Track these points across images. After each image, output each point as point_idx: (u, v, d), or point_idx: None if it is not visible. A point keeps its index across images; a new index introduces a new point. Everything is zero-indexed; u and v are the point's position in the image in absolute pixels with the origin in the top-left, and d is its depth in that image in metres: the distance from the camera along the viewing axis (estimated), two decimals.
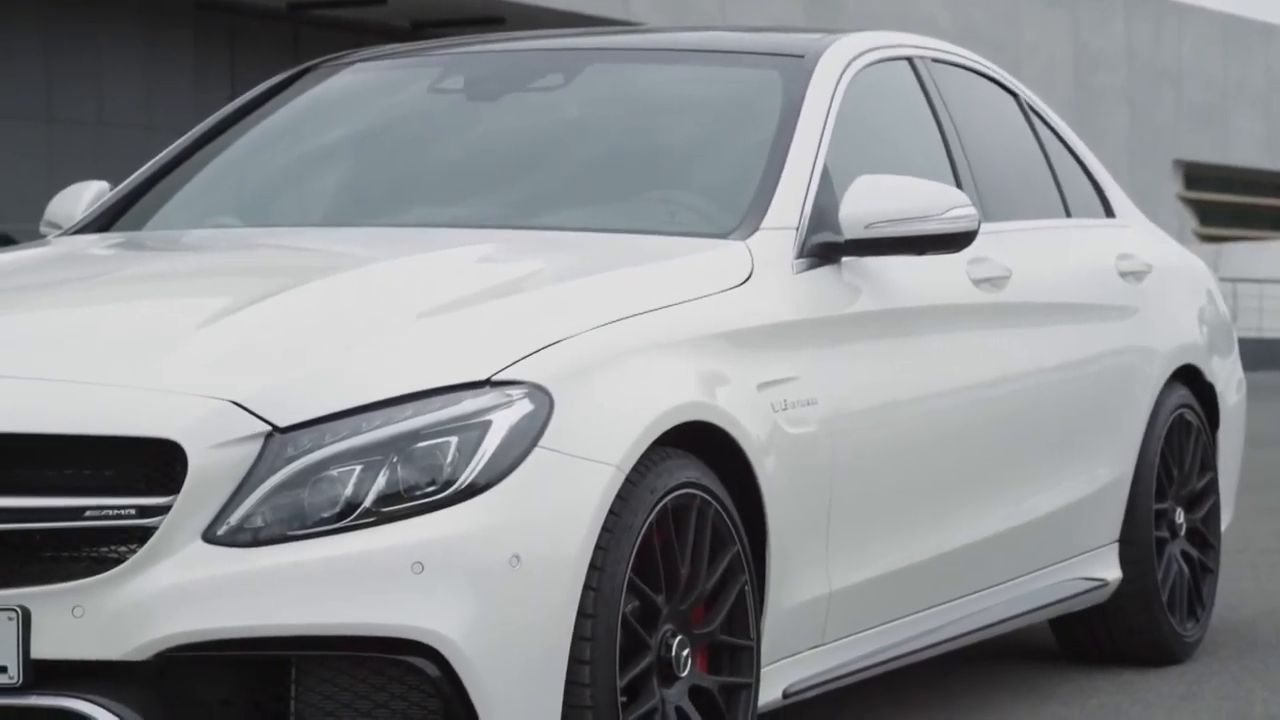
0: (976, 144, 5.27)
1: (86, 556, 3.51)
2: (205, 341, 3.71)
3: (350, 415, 3.58)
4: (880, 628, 4.58)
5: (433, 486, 3.56)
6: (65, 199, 5.11)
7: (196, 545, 3.50)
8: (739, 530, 3.99)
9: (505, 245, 4.42)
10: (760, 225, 4.43)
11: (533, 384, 3.67)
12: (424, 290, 3.97)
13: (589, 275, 4.14)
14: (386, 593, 3.49)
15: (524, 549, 3.56)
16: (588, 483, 3.66)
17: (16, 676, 3.48)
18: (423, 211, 4.78)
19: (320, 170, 5.09)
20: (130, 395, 3.56)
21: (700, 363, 4.01)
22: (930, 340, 4.76)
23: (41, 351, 3.70)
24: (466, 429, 3.60)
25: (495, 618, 3.53)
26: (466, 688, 3.51)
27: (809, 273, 4.45)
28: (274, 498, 3.53)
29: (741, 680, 4.00)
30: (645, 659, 3.78)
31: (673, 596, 3.85)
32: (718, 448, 4.00)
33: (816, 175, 4.57)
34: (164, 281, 4.35)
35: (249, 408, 3.55)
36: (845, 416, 4.37)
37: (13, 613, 3.47)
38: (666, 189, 4.72)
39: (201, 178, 5.12)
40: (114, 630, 3.47)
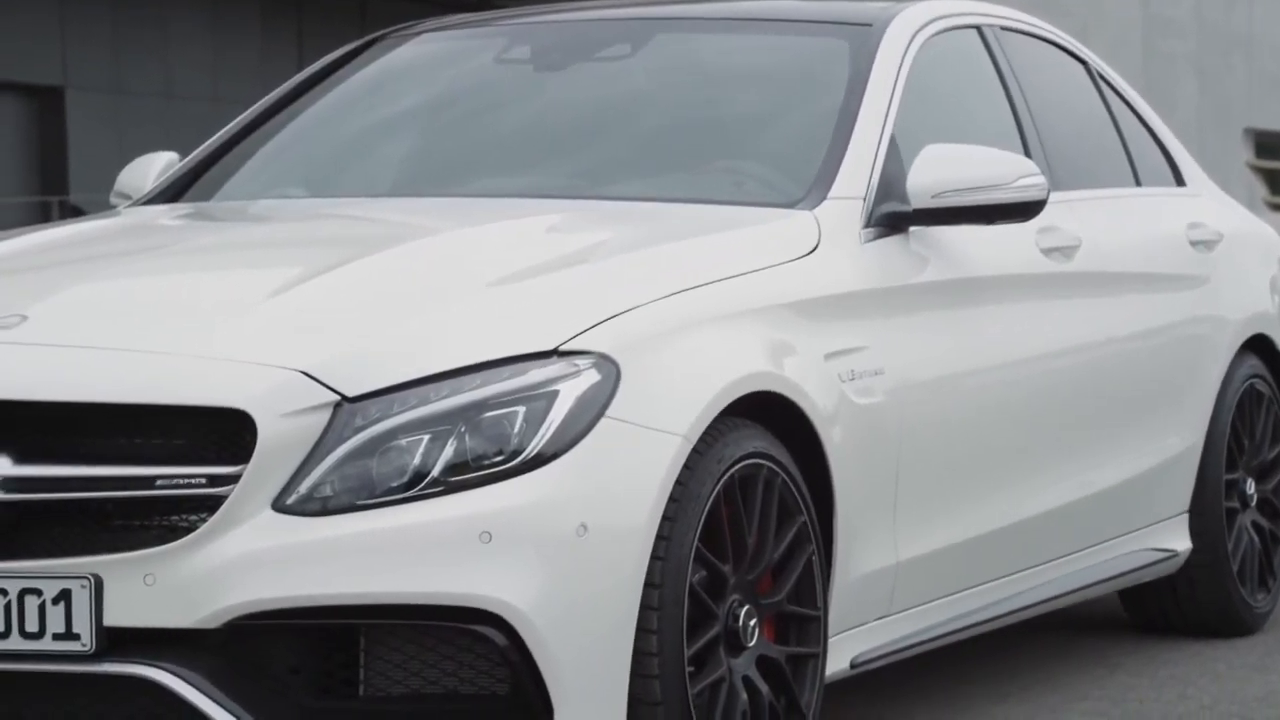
0: (1045, 112, 5.24)
1: (158, 525, 3.54)
2: (274, 311, 3.72)
3: (418, 385, 3.59)
4: (947, 598, 4.57)
5: (500, 456, 3.57)
6: (135, 170, 5.14)
7: (266, 514, 3.52)
8: (806, 500, 3.99)
9: (572, 215, 4.42)
10: (827, 195, 4.42)
11: (600, 354, 3.68)
12: (491, 260, 3.97)
13: (656, 245, 4.14)
14: (454, 562, 3.50)
15: (591, 519, 3.57)
16: (655, 452, 3.66)
17: (90, 644, 3.51)
18: (489, 182, 4.78)
19: (387, 141, 5.10)
20: (200, 365, 3.58)
21: (767, 333, 4.00)
22: (999, 310, 4.74)
23: (112, 321, 3.72)
24: (534, 399, 3.60)
25: (563, 587, 3.54)
26: (534, 657, 3.52)
27: (876, 242, 4.44)
28: (343, 467, 3.54)
29: (808, 650, 4.00)
30: (712, 629, 3.78)
31: (740, 567, 3.85)
32: (785, 418, 3.99)
33: (884, 144, 4.55)
34: (233, 252, 4.38)
35: (318, 377, 3.57)
36: (912, 387, 4.36)
37: (86, 581, 3.50)
38: (733, 159, 4.71)
39: (269, 149, 5.14)
40: (185, 598, 3.49)
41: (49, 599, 3.51)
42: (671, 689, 3.64)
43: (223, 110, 24.03)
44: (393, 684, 3.55)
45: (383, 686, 3.54)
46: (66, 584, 3.51)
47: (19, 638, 3.52)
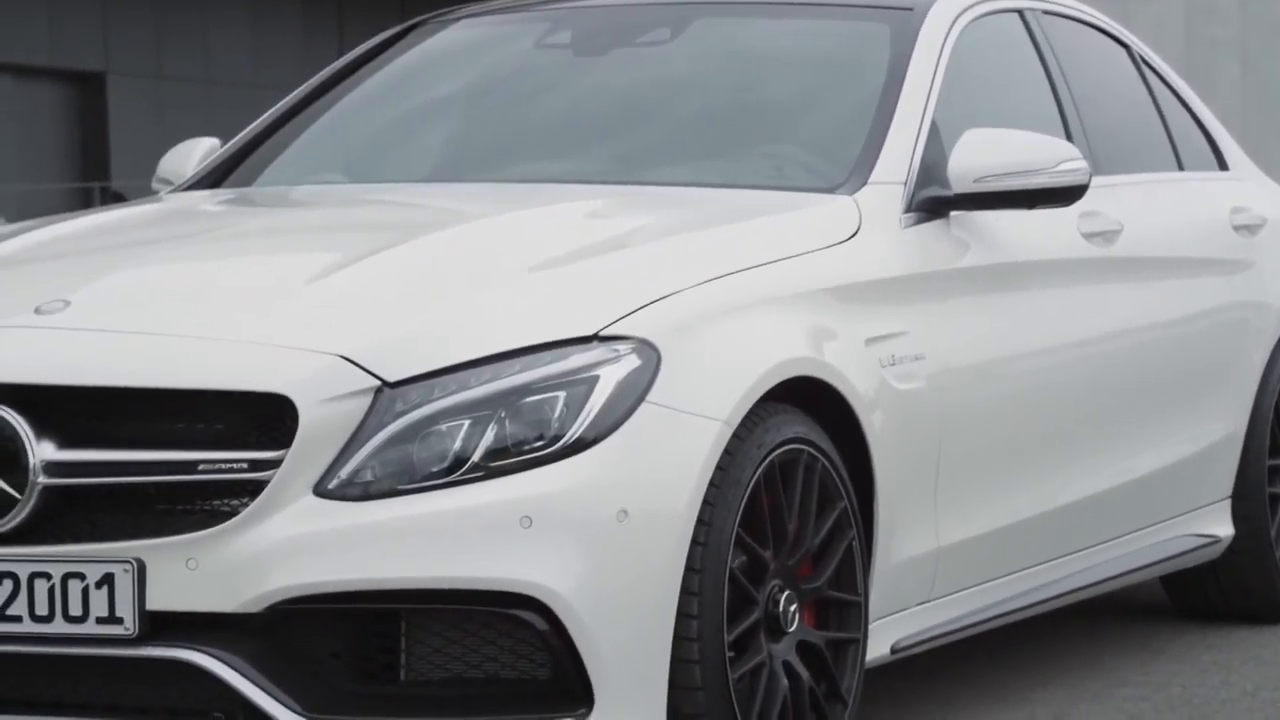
0: (1087, 97, 5.22)
1: (200, 510, 3.55)
2: (315, 296, 3.73)
3: (458, 370, 3.60)
4: (989, 584, 4.56)
5: (540, 441, 3.58)
6: (176, 156, 5.15)
7: (307, 499, 3.53)
8: (847, 486, 3.98)
9: (612, 201, 4.42)
10: (868, 180, 4.41)
11: (640, 339, 3.68)
12: (531, 246, 3.97)
13: (696, 230, 4.13)
14: (495, 547, 3.51)
15: (631, 504, 3.57)
16: (695, 438, 3.66)
17: (132, 628, 3.52)
18: (529, 167, 4.78)
19: (427, 126, 5.11)
20: (241, 350, 3.59)
21: (808, 318, 3.99)
22: (1040, 295, 4.72)
23: (155, 306, 3.74)
24: (574, 384, 3.60)
25: (603, 572, 3.54)
26: (575, 641, 3.52)
27: (917, 227, 4.43)
28: (383, 452, 3.55)
29: (849, 636, 4.00)
30: (753, 614, 3.78)
31: (780, 552, 3.85)
32: (825, 403, 3.99)
33: (925, 129, 4.54)
34: (274, 237, 4.39)
35: (359, 362, 3.57)
36: (953, 372, 4.35)
37: (129, 565, 3.52)
38: (773, 144, 4.70)
39: (310, 135, 5.15)
40: (227, 583, 3.51)
41: (92, 583, 3.52)
42: (712, 674, 3.65)
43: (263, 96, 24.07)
44: (434, 668, 3.55)
45: (424, 671, 3.55)
46: (109, 568, 3.52)
47: (62, 621, 3.54)
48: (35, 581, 3.54)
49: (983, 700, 4.74)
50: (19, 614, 3.55)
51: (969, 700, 4.74)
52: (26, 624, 3.55)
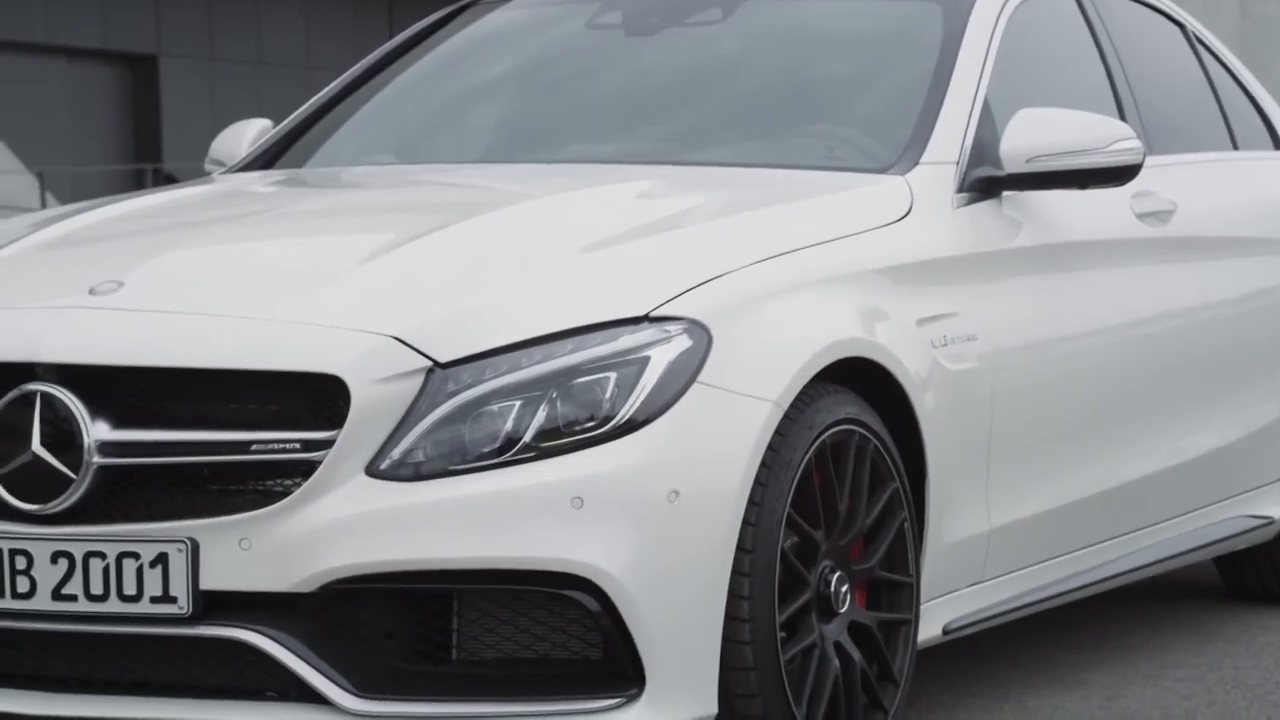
0: (1141, 76, 5.19)
1: (253, 490, 3.56)
2: (367, 277, 3.74)
3: (510, 351, 3.60)
4: (1040, 565, 4.55)
5: (592, 422, 3.58)
6: (229, 137, 5.17)
7: (359, 479, 3.54)
8: (898, 467, 3.98)
9: (664, 181, 4.42)
10: (920, 160, 4.40)
11: (691, 319, 3.67)
12: (582, 226, 3.98)
13: (747, 211, 4.13)
14: (547, 527, 3.51)
15: (683, 484, 3.57)
16: (746, 418, 3.66)
17: (186, 607, 3.54)
18: (580, 147, 4.78)
19: (479, 107, 5.11)
20: (294, 331, 3.60)
21: (859, 298, 3.99)
22: (1093, 275, 4.70)
23: (207, 287, 3.75)
24: (625, 364, 3.60)
25: (654, 552, 3.54)
26: (626, 622, 3.52)
27: (969, 207, 4.41)
28: (435, 433, 3.56)
29: (901, 616, 3.99)
30: (804, 595, 3.78)
31: (831, 532, 3.85)
32: (877, 384, 3.98)
33: (977, 109, 4.52)
34: (326, 218, 4.40)
35: (410, 343, 3.58)
36: (1005, 352, 4.34)
37: (182, 544, 3.54)
38: (825, 123, 4.69)
39: (361, 116, 5.16)
40: (280, 562, 3.52)
41: (146, 562, 3.54)
42: (763, 654, 3.65)
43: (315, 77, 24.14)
44: (485, 648, 3.56)
45: (475, 651, 3.56)
46: (163, 547, 3.54)
47: (117, 600, 3.56)
48: (90, 561, 3.56)
49: (1035, 681, 4.73)
50: (74, 593, 3.57)
51: (1021, 681, 4.73)
52: (82, 603, 3.57)
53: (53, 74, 25.47)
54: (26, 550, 3.58)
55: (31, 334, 3.65)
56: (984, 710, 4.47)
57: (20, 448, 3.59)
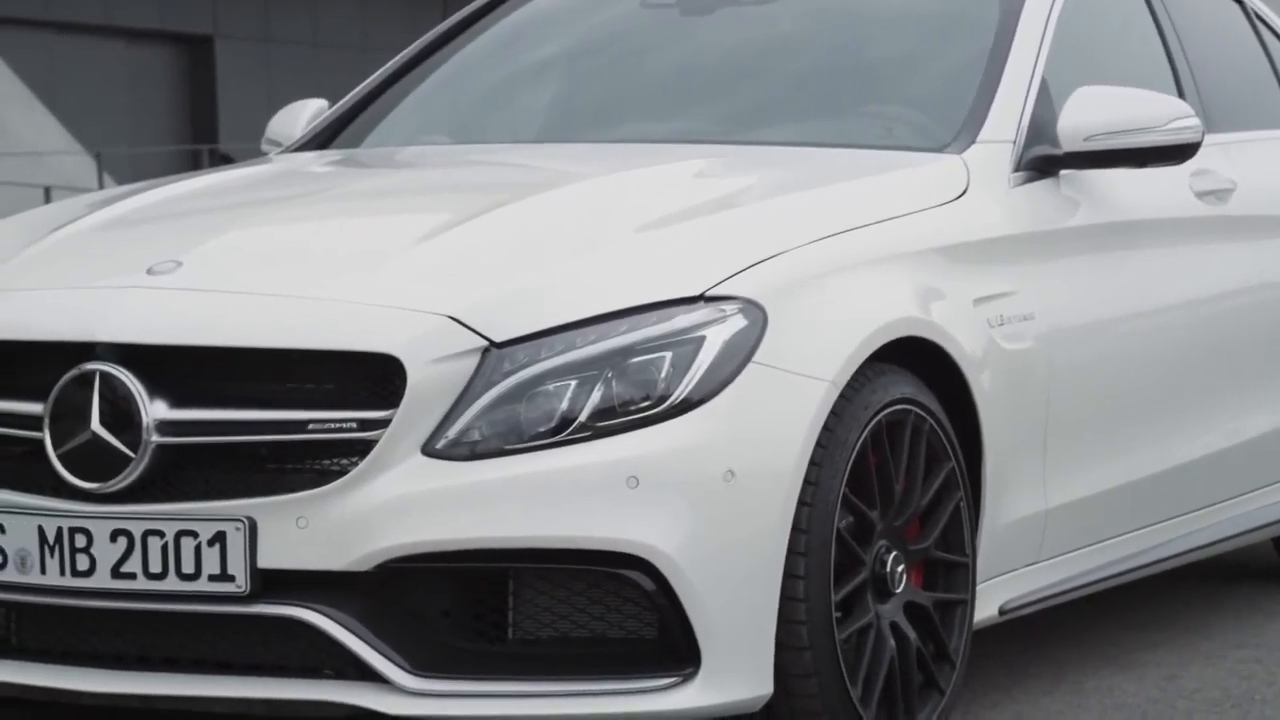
0: (1200, 53, 5.15)
1: (310, 469, 3.57)
2: (423, 257, 3.75)
3: (565, 330, 3.60)
4: (1097, 545, 4.53)
5: (647, 401, 3.58)
6: (285, 117, 5.18)
7: (416, 459, 3.55)
8: (954, 447, 3.97)
9: (719, 160, 4.41)
10: (977, 138, 4.38)
11: (746, 299, 3.67)
12: (638, 206, 3.97)
13: (803, 190, 4.12)
14: (602, 507, 3.52)
15: (738, 464, 3.57)
16: (802, 398, 3.65)
17: (244, 585, 3.56)
18: (636, 127, 4.78)
19: (534, 87, 5.11)
20: (351, 310, 3.61)
21: (915, 278, 3.97)
22: (1151, 254, 4.68)
23: (264, 267, 3.77)
24: (681, 344, 3.60)
25: (710, 532, 3.54)
26: (682, 601, 3.53)
27: (1026, 186, 4.39)
28: (491, 412, 3.56)
29: (957, 597, 3.98)
30: (860, 575, 3.77)
31: (887, 512, 3.84)
32: (933, 363, 3.97)
33: (1034, 87, 4.50)
34: (383, 198, 4.41)
35: (466, 323, 3.59)
36: (1063, 332, 4.32)
37: (240, 523, 3.55)
38: (881, 102, 4.67)
39: (417, 95, 5.17)
40: (337, 541, 3.53)
41: (204, 541, 3.56)
42: (819, 634, 3.64)
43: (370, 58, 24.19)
44: (541, 627, 3.57)
45: (531, 630, 3.57)
46: (221, 526, 3.56)
47: (175, 579, 3.58)
48: (149, 539, 3.58)
49: (1092, 662, 4.71)
50: (133, 571, 3.59)
51: (1078, 661, 4.71)
52: (140, 581, 3.59)
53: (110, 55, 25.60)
54: (86, 528, 3.60)
55: (90, 314, 3.68)
56: (1041, 690, 4.45)
57: (80, 427, 3.61)
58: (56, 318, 3.71)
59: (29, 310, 3.77)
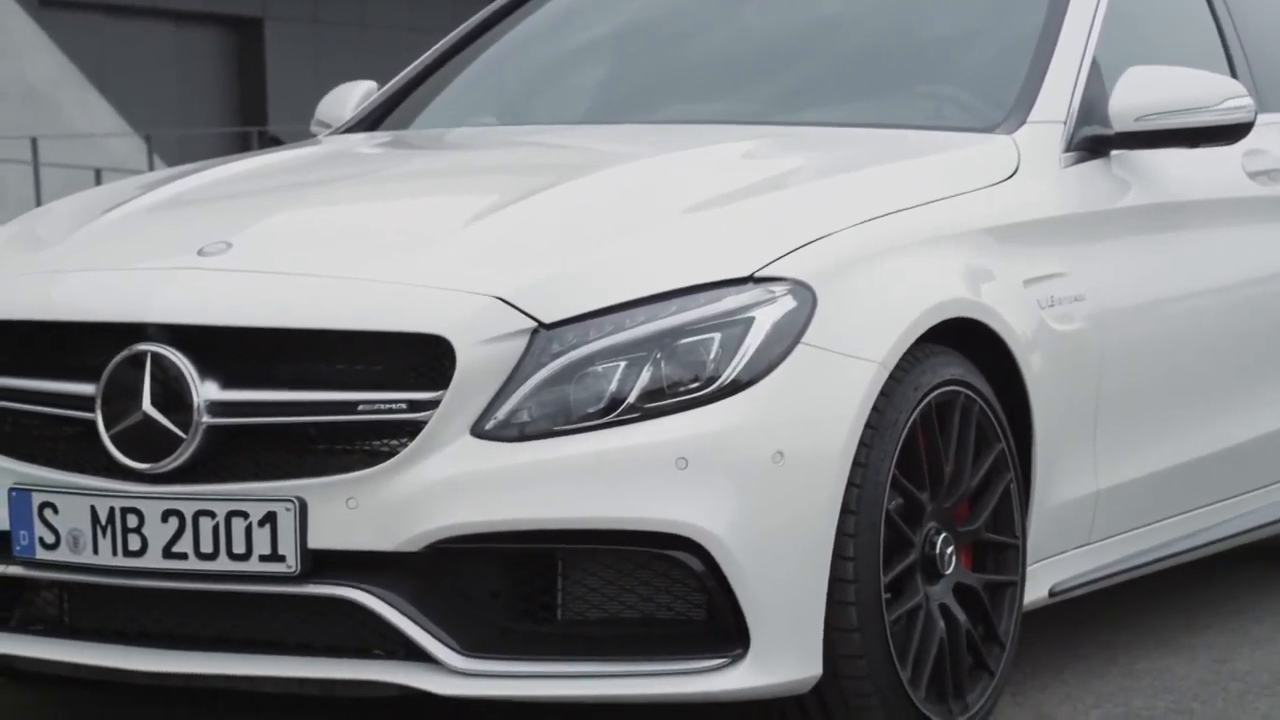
0: (1253, 32, 5.11)
1: (360, 450, 3.58)
2: (472, 238, 3.75)
3: (615, 311, 3.60)
4: (1148, 527, 4.51)
5: (696, 383, 3.58)
6: (334, 99, 5.19)
7: (465, 440, 3.56)
8: (1004, 428, 3.95)
9: (767, 141, 4.40)
10: (1027, 119, 4.36)
11: (795, 280, 3.66)
12: (686, 187, 3.97)
13: (852, 171, 4.11)
14: (651, 488, 3.52)
15: (787, 445, 3.56)
16: (851, 379, 3.64)
17: (295, 566, 3.57)
18: (684, 108, 4.77)
19: (581, 68, 5.11)
20: (400, 291, 3.62)
21: (965, 259, 3.96)
22: (1202, 235, 4.65)
23: (314, 248, 3.77)
24: (730, 325, 3.60)
25: (759, 513, 3.54)
26: (731, 582, 3.52)
27: (1077, 167, 4.37)
28: (540, 393, 3.57)
29: (1006, 578, 3.97)
30: (909, 556, 3.77)
31: (937, 494, 3.83)
32: (983, 345, 3.96)
33: (1086, 66, 4.48)
34: (431, 179, 4.42)
35: (515, 304, 3.59)
36: (1114, 313, 4.30)
37: (290, 504, 3.57)
38: (930, 82, 4.65)
39: (465, 77, 5.17)
40: (386, 522, 3.54)
41: (255, 521, 3.58)
42: (868, 615, 3.64)
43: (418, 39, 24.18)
44: (590, 608, 3.57)
45: (580, 610, 3.57)
46: (272, 507, 3.57)
47: (226, 559, 3.59)
48: (200, 520, 3.60)
49: (1143, 644, 4.70)
50: (184, 551, 3.61)
51: (1128, 644, 4.70)
52: (191, 561, 3.61)
53: (160, 37, 25.68)
54: (138, 509, 3.62)
55: (142, 295, 3.69)
56: (1091, 672, 4.44)
57: (131, 407, 3.63)
58: (108, 299, 3.73)
59: (81, 291, 3.79)
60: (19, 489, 3.69)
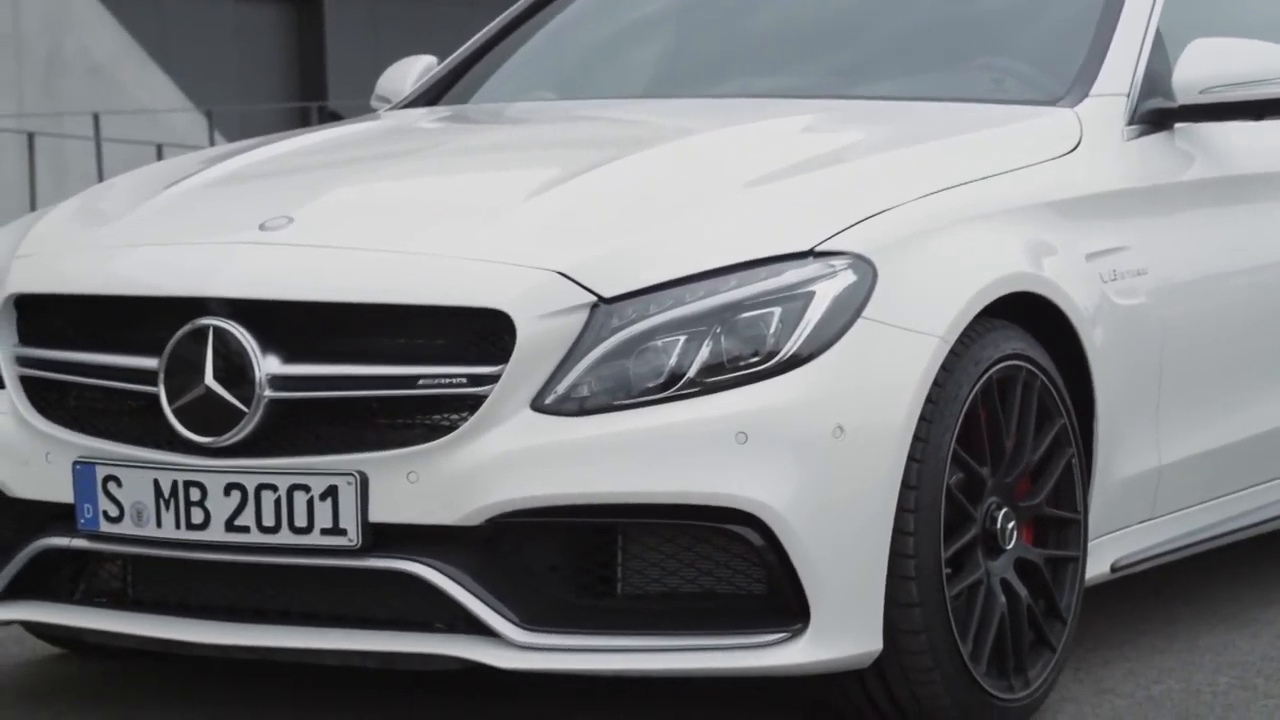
0: None
1: (420, 424, 3.59)
2: (532, 212, 3.75)
3: (674, 286, 3.60)
4: (1211, 503, 4.48)
5: (756, 357, 3.57)
6: (394, 74, 5.20)
7: (525, 414, 3.56)
8: (1066, 403, 3.93)
9: (828, 115, 4.38)
10: (1090, 92, 4.33)
11: (856, 254, 3.65)
12: (747, 161, 3.96)
13: (913, 144, 4.09)
14: (711, 462, 3.52)
15: (847, 420, 3.56)
16: (911, 353, 3.63)
17: (356, 539, 3.58)
18: (744, 82, 4.76)
19: (641, 42, 5.10)
20: (460, 266, 3.62)
21: (1027, 233, 3.94)
22: (1267, 209, 4.61)
23: (375, 223, 3.78)
24: (790, 299, 3.59)
25: (819, 488, 3.53)
26: (791, 557, 3.52)
27: (1140, 140, 4.34)
28: (600, 368, 3.57)
29: (1068, 554, 3.96)
30: (970, 531, 3.76)
31: (998, 469, 3.81)
32: (1044, 319, 3.94)
33: (1149, 39, 4.44)
34: (491, 154, 4.42)
35: (575, 278, 3.59)
36: (1177, 287, 4.27)
37: (352, 478, 3.58)
38: (992, 55, 4.63)
39: (525, 51, 5.17)
40: (447, 496, 3.55)
41: (317, 495, 3.59)
42: (929, 590, 3.63)
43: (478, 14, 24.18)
44: (650, 582, 3.57)
45: (640, 585, 3.58)
46: (333, 480, 3.58)
47: (288, 532, 3.61)
48: (262, 493, 3.61)
49: (1206, 619, 4.67)
50: (247, 524, 3.63)
51: (1191, 619, 4.68)
52: (254, 534, 3.62)
53: (221, 12, 25.77)
54: (200, 482, 3.64)
55: (204, 269, 3.71)
56: (1153, 648, 4.42)
57: (194, 381, 3.64)
58: (171, 274, 3.74)
59: (144, 266, 3.81)
60: (83, 462, 3.72)
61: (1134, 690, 4.11)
